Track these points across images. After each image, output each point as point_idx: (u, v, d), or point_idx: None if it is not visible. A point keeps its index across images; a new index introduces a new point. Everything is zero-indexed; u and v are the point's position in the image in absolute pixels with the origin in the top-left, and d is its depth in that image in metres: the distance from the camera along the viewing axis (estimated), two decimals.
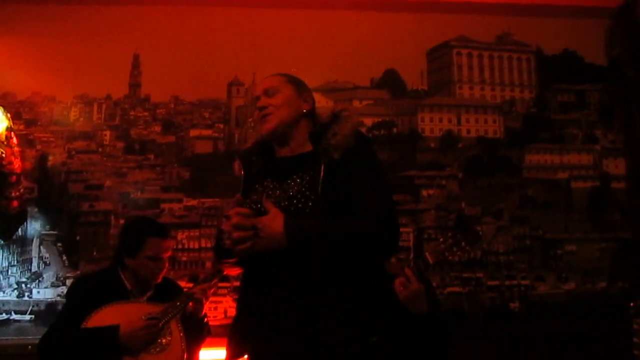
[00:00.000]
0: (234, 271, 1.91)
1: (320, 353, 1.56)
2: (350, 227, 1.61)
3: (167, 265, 2.54)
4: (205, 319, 2.54)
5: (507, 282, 3.55)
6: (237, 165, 1.96)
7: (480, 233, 2.39)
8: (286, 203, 1.66)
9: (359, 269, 1.62)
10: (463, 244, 2.26)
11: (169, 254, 2.54)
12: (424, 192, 3.65)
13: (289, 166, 1.75)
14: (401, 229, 3.41)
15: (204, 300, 2.48)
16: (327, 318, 1.56)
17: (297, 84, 1.84)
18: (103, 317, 2.29)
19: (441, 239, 2.33)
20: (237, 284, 2.88)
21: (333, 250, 1.59)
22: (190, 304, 2.45)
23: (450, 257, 2.30)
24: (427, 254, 2.29)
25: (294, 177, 1.70)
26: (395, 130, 3.73)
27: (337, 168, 1.66)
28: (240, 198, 1.72)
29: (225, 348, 1.72)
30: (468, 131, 3.77)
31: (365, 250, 1.62)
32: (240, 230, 1.61)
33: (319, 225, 1.61)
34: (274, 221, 1.60)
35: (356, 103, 3.75)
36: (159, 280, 2.50)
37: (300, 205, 1.65)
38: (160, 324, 2.32)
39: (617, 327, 3.27)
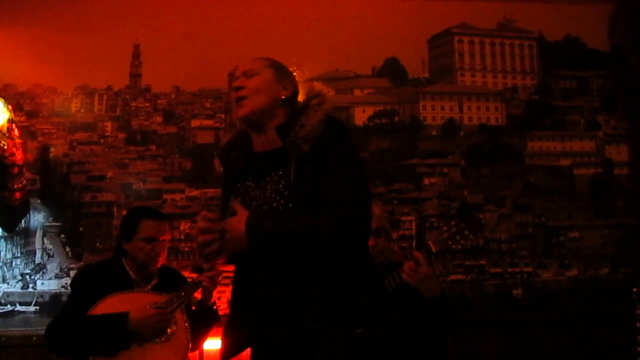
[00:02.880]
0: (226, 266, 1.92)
1: (304, 346, 1.55)
2: (311, 223, 1.56)
3: (165, 249, 2.52)
4: (215, 307, 2.55)
5: (509, 270, 3.56)
6: (216, 163, 1.91)
7: (483, 221, 2.40)
8: (261, 202, 1.64)
9: (337, 261, 1.58)
10: (466, 232, 2.26)
11: (165, 237, 2.52)
12: (426, 181, 3.64)
13: (265, 163, 1.69)
14: (403, 217, 3.50)
15: (212, 288, 2.49)
16: (309, 311, 1.55)
17: (278, 69, 1.75)
18: (108, 306, 2.29)
19: (444, 228, 2.34)
20: None
21: (294, 248, 1.56)
22: (199, 291, 2.46)
23: (453, 246, 2.30)
24: (430, 242, 2.29)
25: (271, 174, 1.66)
26: (396, 118, 3.72)
27: (308, 161, 1.60)
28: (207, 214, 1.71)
29: (221, 339, 1.73)
30: (470, 119, 3.76)
31: (328, 245, 1.56)
32: (206, 234, 1.62)
33: (279, 223, 1.57)
34: (238, 222, 1.57)
35: (357, 92, 3.73)
36: (158, 265, 2.50)
37: (275, 205, 1.62)
38: (167, 313, 2.33)
39: (620, 313, 3.28)
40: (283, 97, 1.72)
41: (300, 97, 1.77)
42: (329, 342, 1.56)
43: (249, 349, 1.69)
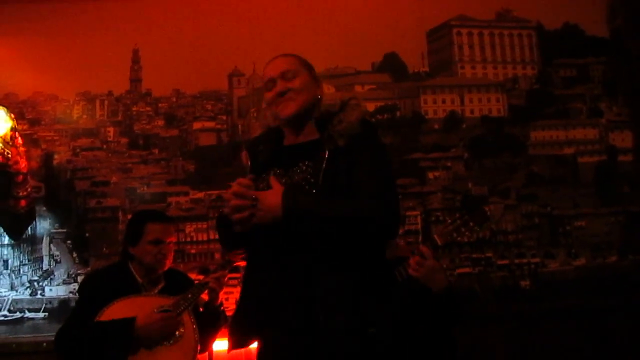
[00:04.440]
0: (242, 262, 1.90)
1: (319, 343, 1.55)
2: (349, 206, 1.61)
3: (171, 251, 2.54)
4: (222, 307, 2.56)
5: (517, 261, 3.55)
6: (244, 155, 1.93)
7: (488, 213, 2.39)
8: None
9: (358, 254, 1.60)
10: (471, 224, 2.25)
11: (171, 239, 2.54)
12: (430, 174, 3.64)
13: (295, 153, 1.74)
14: (408, 212, 3.49)
15: (219, 289, 2.49)
16: (327, 308, 1.55)
17: (311, 69, 1.83)
18: (115, 311, 2.30)
19: (448, 220, 2.33)
20: None
21: (328, 228, 1.58)
22: (205, 293, 2.47)
23: (458, 238, 2.30)
24: (435, 236, 2.29)
25: (300, 164, 1.70)
26: (398, 113, 3.72)
27: (341, 155, 1.66)
28: (252, 176, 1.71)
29: (229, 328, 1.74)
30: (471, 111, 3.75)
31: (361, 231, 1.60)
32: (239, 199, 1.61)
33: (317, 201, 1.61)
34: (272, 194, 1.59)
35: (358, 88, 3.73)
36: (165, 267, 2.51)
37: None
38: (175, 316, 2.33)
39: (630, 300, 3.27)
40: (319, 95, 1.80)
41: None
42: (343, 338, 1.56)
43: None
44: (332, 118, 1.73)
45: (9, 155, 2.09)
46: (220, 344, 2.58)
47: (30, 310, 3.32)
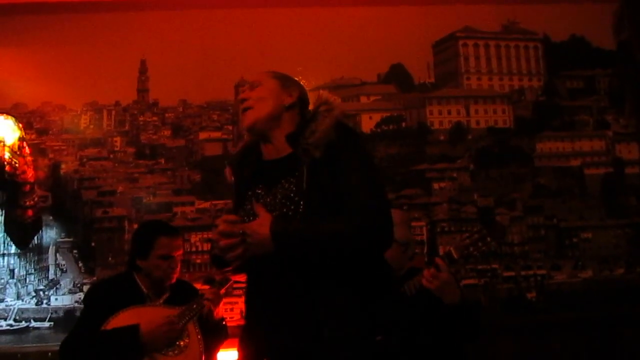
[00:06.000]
0: (239, 277, 1.90)
1: (324, 353, 1.55)
2: (335, 227, 1.56)
3: (179, 264, 2.54)
4: (224, 322, 2.55)
5: (523, 273, 3.53)
6: (227, 172, 1.91)
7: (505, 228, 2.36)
8: (271, 209, 1.63)
9: (358, 268, 1.59)
10: (488, 239, 2.24)
11: (179, 252, 2.54)
12: (436, 185, 3.63)
13: (275, 170, 1.70)
14: (414, 223, 3.48)
15: (213, 306, 2.45)
16: (330, 318, 1.55)
17: (282, 79, 1.78)
18: (120, 321, 2.30)
19: (466, 234, 2.31)
20: None
21: (319, 251, 1.56)
22: (207, 305, 2.46)
23: (475, 252, 2.28)
24: (451, 249, 2.27)
25: (282, 181, 1.67)
26: (404, 124, 3.72)
27: (321, 166, 1.61)
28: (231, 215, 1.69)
29: (237, 350, 1.72)
30: (477, 122, 3.74)
31: (352, 249, 1.57)
32: (227, 238, 1.59)
33: (305, 227, 1.57)
34: (261, 226, 1.56)
35: (363, 99, 3.74)
36: (173, 280, 2.51)
37: (285, 210, 1.62)
38: (180, 325, 2.33)
39: (637, 313, 3.24)
40: (287, 103, 1.74)
41: (310, 107, 1.78)
42: (350, 350, 1.55)
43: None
44: (304, 130, 1.67)
45: (17, 165, 2.11)
46: (225, 355, 2.57)
47: (35, 320, 3.32)
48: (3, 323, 3.30)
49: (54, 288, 3.38)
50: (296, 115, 1.75)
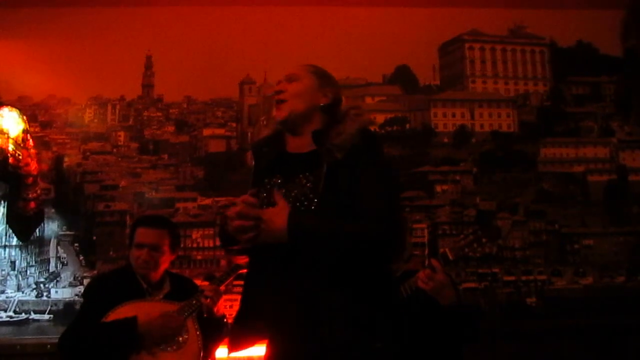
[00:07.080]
0: (242, 259, 1.89)
1: (322, 357, 1.55)
2: (351, 229, 1.57)
3: (154, 257, 2.46)
4: (225, 319, 2.55)
5: (523, 277, 3.53)
6: (249, 155, 1.92)
7: (500, 229, 2.38)
8: (288, 202, 1.63)
9: (362, 272, 1.60)
10: (484, 240, 2.24)
11: (154, 242, 2.46)
12: (438, 188, 3.63)
13: (296, 164, 1.72)
14: (415, 225, 3.48)
15: (213, 302, 2.41)
16: (330, 322, 1.55)
17: (321, 77, 1.79)
18: (119, 315, 2.30)
19: (462, 235, 2.32)
20: None
21: (331, 251, 1.57)
22: (207, 302, 2.46)
23: (470, 253, 2.28)
24: (447, 250, 2.28)
25: (300, 176, 1.68)
26: (408, 126, 3.71)
27: (340, 168, 1.63)
28: (254, 191, 1.69)
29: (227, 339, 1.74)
30: (482, 126, 3.74)
31: (363, 253, 1.58)
32: (242, 219, 1.59)
33: (321, 224, 1.58)
34: (277, 215, 1.57)
35: (368, 99, 3.74)
36: (152, 273, 2.46)
37: (298, 205, 1.62)
38: (179, 320, 2.33)
39: (637, 321, 3.24)
40: (321, 104, 1.76)
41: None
42: (349, 352, 1.55)
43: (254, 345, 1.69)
44: (330, 130, 1.69)
45: (20, 157, 2.12)
46: (224, 352, 2.57)
47: (35, 312, 3.33)
48: (3, 314, 3.31)
49: (55, 281, 3.39)
50: (328, 115, 1.76)
